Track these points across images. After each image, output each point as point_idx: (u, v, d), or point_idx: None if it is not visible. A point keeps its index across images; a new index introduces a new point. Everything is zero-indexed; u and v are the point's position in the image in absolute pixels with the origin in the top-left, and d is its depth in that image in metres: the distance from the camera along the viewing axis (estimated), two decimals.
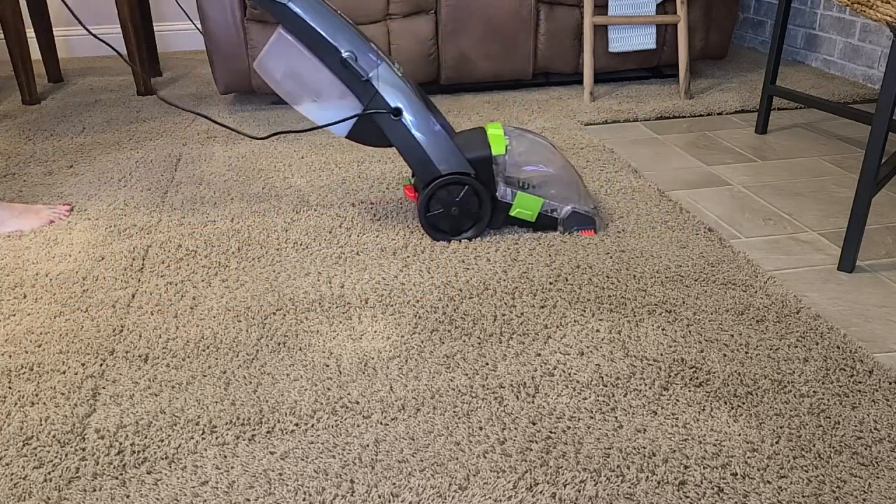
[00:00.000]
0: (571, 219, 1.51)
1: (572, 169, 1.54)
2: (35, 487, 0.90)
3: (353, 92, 1.45)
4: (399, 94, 1.45)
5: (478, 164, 1.47)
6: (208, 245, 1.51)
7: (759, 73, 2.75)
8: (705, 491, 0.87)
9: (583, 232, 1.52)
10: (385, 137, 1.48)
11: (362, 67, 1.42)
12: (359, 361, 1.12)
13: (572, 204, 1.51)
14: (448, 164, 1.47)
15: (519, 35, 2.47)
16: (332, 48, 1.42)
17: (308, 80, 1.45)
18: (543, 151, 1.53)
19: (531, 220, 1.52)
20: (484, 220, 1.50)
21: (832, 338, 1.15)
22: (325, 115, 1.48)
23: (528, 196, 1.49)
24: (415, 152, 1.47)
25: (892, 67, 1.27)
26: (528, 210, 1.50)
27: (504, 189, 1.49)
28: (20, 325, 1.24)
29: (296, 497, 0.88)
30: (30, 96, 2.56)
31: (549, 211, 1.51)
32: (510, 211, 1.50)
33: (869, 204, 1.34)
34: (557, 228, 1.53)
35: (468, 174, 1.47)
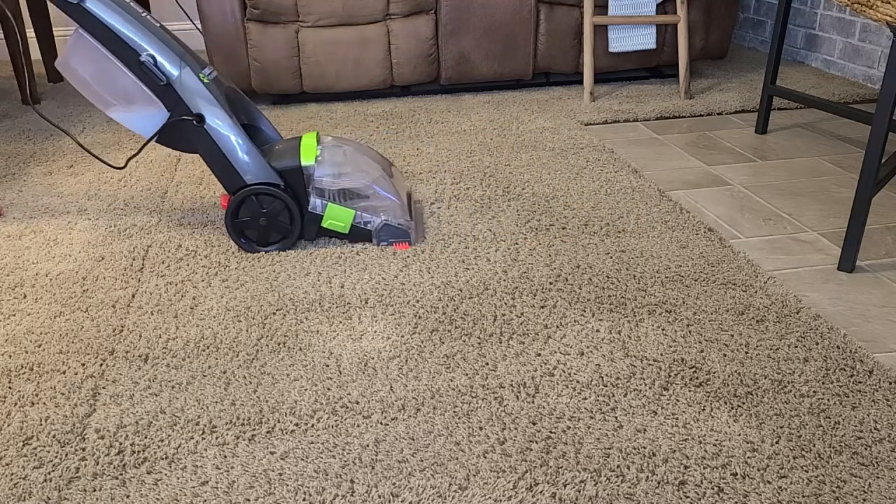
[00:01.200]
0: (384, 231, 1.48)
1: (389, 181, 1.50)
2: (35, 487, 0.90)
3: (156, 96, 1.42)
4: (202, 101, 1.42)
5: (287, 175, 1.44)
6: (208, 245, 1.51)
7: (759, 73, 2.75)
8: (705, 491, 0.87)
9: (396, 245, 1.48)
10: (190, 143, 1.46)
11: (162, 72, 1.39)
12: (359, 361, 1.12)
13: (385, 216, 1.48)
14: (254, 174, 1.43)
15: (519, 35, 2.48)
16: (131, 51, 1.38)
17: (110, 82, 1.41)
18: (359, 162, 1.49)
19: (344, 233, 1.49)
20: (294, 232, 1.47)
21: (832, 338, 1.15)
22: (126, 117, 1.44)
23: (340, 208, 1.46)
24: (219, 161, 1.43)
25: (892, 67, 1.27)
26: (340, 222, 1.47)
27: (315, 200, 1.46)
28: (20, 325, 1.24)
29: (296, 497, 0.88)
30: (30, 96, 2.56)
31: (363, 223, 1.48)
32: (322, 222, 1.47)
33: (869, 204, 1.34)
34: (371, 240, 1.50)
35: (276, 185, 1.43)
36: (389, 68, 2.45)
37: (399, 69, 2.45)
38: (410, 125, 2.25)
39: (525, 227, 1.55)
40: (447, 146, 2.06)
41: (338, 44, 2.37)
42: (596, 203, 1.66)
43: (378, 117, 2.34)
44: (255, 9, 2.29)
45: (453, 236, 1.52)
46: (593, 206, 1.65)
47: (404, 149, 2.04)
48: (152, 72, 1.38)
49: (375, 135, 2.17)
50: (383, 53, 2.42)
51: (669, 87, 2.58)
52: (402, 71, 2.46)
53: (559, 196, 1.70)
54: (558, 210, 1.63)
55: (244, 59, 2.36)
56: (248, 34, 2.34)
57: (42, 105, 2.57)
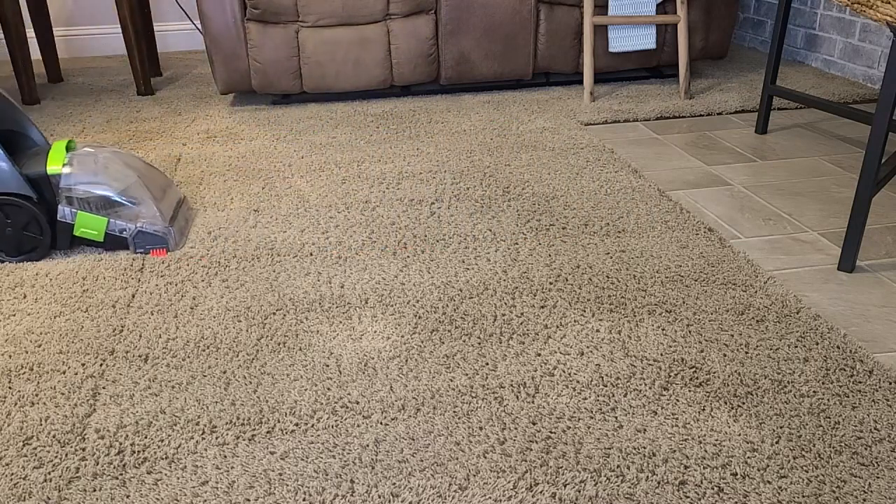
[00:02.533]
0: (140, 238, 1.47)
1: (143, 188, 1.49)
2: (35, 487, 0.90)
3: None
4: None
5: (35, 183, 1.42)
6: (208, 245, 1.51)
7: (759, 73, 2.75)
8: (705, 491, 0.87)
9: (153, 252, 1.47)
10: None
11: None
12: (359, 361, 1.12)
13: (140, 222, 1.46)
14: (4, 184, 1.40)
15: (519, 35, 2.47)
16: None
17: None
18: (109, 171, 1.47)
19: (99, 240, 1.47)
20: (45, 242, 1.45)
21: (832, 338, 1.15)
22: None
23: (91, 216, 1.44)
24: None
25: (892, 67, 1.27)
26: (92, 230, 1.45)
27: (63, 209, 1.43)
28: (20, 325, 1.24)
29: (296, 497, 0.88)
30: (30, 96, 2.56)
31: (118, 231, 1.46)
32: (74, 231, 1.45)
33: (869, 204, 1.34)
34: (128, 248, 1.49)
35: (23, 195, 1.40)
36: (389, 68, 2.45)
37: (399, 69, 2.45)
38: (410, 125, 2.25)
39: (525, 227, 1.55)
40: (447, 146, 2.06)
41: (338, 44, 2.37)
42: (596, 203, 1.66)
43: (378, 117, 2.34)
44: (255, 9, 2.29)
45: (453, 236, 1.52)
46: (593, 206, 1.65)
47: (404, 149, 2.04)
48: None
49: (375, 135, 2.17)
50: (383, 53, 2.42)
51: (669, 87, 2.58)
52: (402, 71, 2.46)
53: (559, 196, 1.70)
54: (558, 210, 1.63)
55: (244, 59, 2.36)
56: (248, 34, 2.34)
57: (42, 105, 2.57)
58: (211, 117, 2.39)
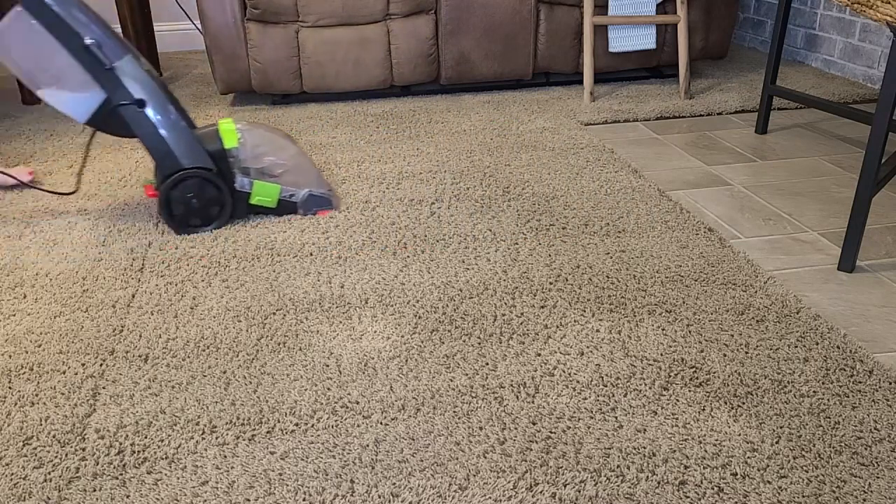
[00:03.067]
0: (309, 201, 1.61)
1: (304, 157, 1.63)
2: (35, 487, 0.90)
3: (96, 80, 1.47)
4: (143, 87, 1.50)
5: (215, 158, 1.54)
6: (208, 245, 1.51)
7: (759, 73, 2.75)
8: (705, 491, 0.87)
9: (319, 212, 1.62)
10: (127, 127, 1.51)
11: (106, 56, 1.45)
12: (359, 361, 1.12)
13: (308, 188, 1.61)
14: (190, 158, 1.52)
15: (519, 35, 2.48)
16: (75, 33, 1.44)
17: (46, 62, 1.45)
18: (275, 142, 1.60)
19: (272, 207, 1.60)
20: (226, 211, 1.56)
21: (832, 338, 1.15)
22: (60, 99, 1.48)
23: (266, 184, 1.57)
24: (158, 144, 1.51)
25: (892, 67, 1.27)
26: (267, 197, 1.58)
27: (242, 179, 1.56)
28: (20, 325, 1.24)
29: (296, 497, 0.88)
30: (30, 96, 2.56)
31: (288, 196, 1.60)
32: (250, 199, 1.58)
33: (869, 204, 1.34)
34: (297, 211, 1.62)
35: (209, 168, 1.52)
36: (389, 68, 2.45)
37: (399, 69, 2.45)
38: (410, 125, 2.25)
39: (525, 227, 1.55)
40: (447, 146, 2.06)
41: (338, 44, 2.37)
42: (596, 203, 1.66)
43: (378, 117, 2.34)
44: (255, 9, 2.29)
45: (453, 236, 1.52)
46: (593, 206, 1.65)
47: (404, 149, 2.04)
48: (97, 56, 1.44)
49: (375, 135, 2.17)
50: (383, 53, 2.42)
51: (669, 87, 2.58)
52: (402, 71, 2.46)
53: (559, 196, 1.70)
54: (558, 210, 1.63)
55: (244, 59, 2.36)
56: (248, 34, 2.34)
57: (42, 105, 2.57)
58: (211, 117, 2.39)
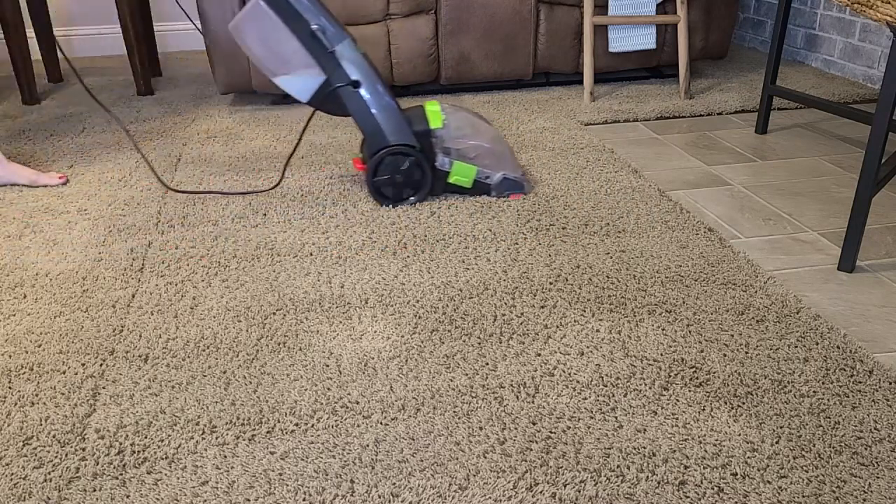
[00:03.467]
0: (503, 184, 1.67)
1: (502, 141, 1.70)
2: (35, 487, 0.90)
3: (317, 62, 1.59)
4: (358, 69, 1.61)
5: (419, 137, 1.63)
6: (208, 245, 1.51)
7: (759, 73, 2.75)
8: (705, 491, 0.87)
9: (511, 196, 1.68)
10: (342, 107, 1.63)
11: (329, 40, 1.57)
12: (359, 361, 1.12)
13: (503, 171, 1.67)
14: (397, 135, 1.62)
15: (519, 35, 2.47)
16: (304, 20, 1.56)
17: (278, 47, 1.58)
18: (476, 126, 1.68)
19: (467, 187, 1.67)
20: (426, 187, 1.66)
21: (832, 338, 1.15)
22: (287, 81, 1.62)
23: (464, 165, 1.64)
24: (369, 122, 1.62)
25: (892, 67, 1.27)
26: (464, 177, 1.66)
27: (442, 159, 1.64)
28: (20, 325, 1.24)
29: (296, 497, 0.88)
30: (30, 96, 2.56)
31: (483, 178, 1.67)
32: (448, 178, 1.66)
33: (869, 204, 1.34)
34: (490, 193, 1.69)
35: (414, 146, 1.62)
36: (389, 68, 2.45)
37: (399, 69, 2.45)
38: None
39: (525, 227, 1.55)
40: None
41: None
42: (596, 203, 1.66)
43: None
44: None
45: (453, 236, 1.52)
46: (593, 206, 1.65)
47: None
48: (321, 40, 1.57)
49: None
50: (383, 53, 2.42)
51: (669, 87, 2.58)
52: (402, 71, 2.46)
53: (559, 196, 1.70)
54: (558, 210, 1.63)
55: (244, 59, 2.36)
56: None
57: (42, 105, 2.57)
58: (211, 117, 2.39)
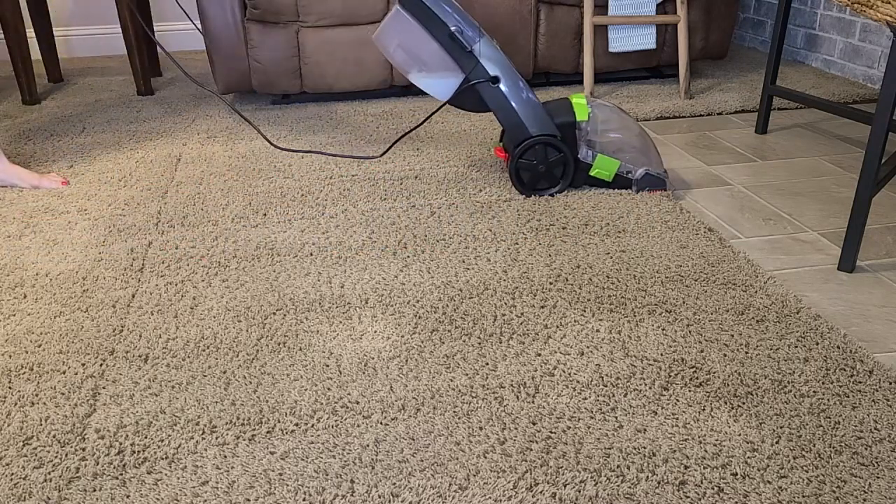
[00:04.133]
0: (644, 180, 1.69)
1: (647, 137, 1.71)
2: (35, 487, 0.90)
3: (456, 62, 1.66)
4: (497, 65, 1.66)
5: (563, 129, 1.66)
6: (208, 245, 1.51)
7: (759, 73, 2.75)
8: (705, 491, 0.87)
9: (653, 192, 1.69)
10: (481, 102, 1.69)
11: (467, 40, 1.63)
12: (359, 361, 1.12)
13: (646, 167, 1.68)
14: (538, 127, 1.66)
15: (519, 35, 2.47)
16: (442, 23, 1.63)
17: (418, 51, 1.66)
18: (621, 121, 1.70)
19: (608, 180, 1.70)
20: (567, 178, 1.69)
21: (832, 338, 1.15)
22: (427, 82, 1.69)
23: (607, 158, 1.67)
24: (510, 115, 1.67)
25: (892, 67, 1.27)
26: (606, 171, 1.68)
27: (586, 151, 1.67)
28: (20, 325, 1.24)
29: (296, 497, 0.88)
30: (30, 96, 2.56)
31: (625, 172, 1.69)
32: (590, 171, 1.69)
33: (869, 204, 1.34)
34: (632, 188, 1.70)
35: (556, 136, 1.65)
36: (389, 68, 2.45)
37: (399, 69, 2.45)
38: (410, 125, 2.25)
39: (525, 227, 1.55)
40: (447, 146, 2.06)
41: (338, 44, 2.37)
42: (596, 203, 1.66)
43: (378, 117, 2.34)
44: (255, 9, 2.29)
45: (453, 236, 1.52)
46: (593, 206, 1.65)
47: (404, 149, 2.04)
48: (460, 40, 1.62)
49: (375, 134, 2.17)
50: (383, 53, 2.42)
51: (669, 87, 2.58)
52: None
53: (559, 196, 1.70)
54: (558, 210, 1.63)
55: (244, 59, 2.36)
56: (248, 34, 2.34)
57: (42, 105, 2.57)
58: (211, 117, 2.39)
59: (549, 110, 1.68)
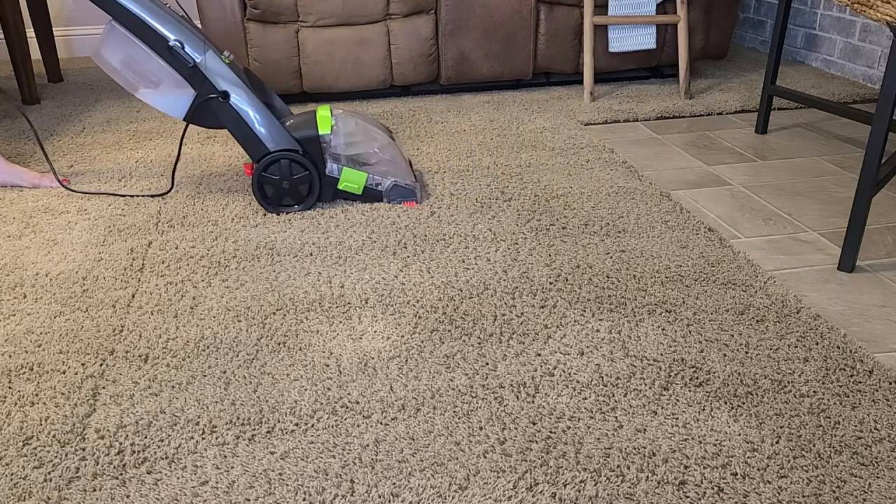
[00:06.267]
0: (394, 191, 1.66)
1: (395, 148, 1.67)
2: (35, 487, 0.90)
3: (184, 78, 1.57)
4: (225, 80, 1.58)
5: (306, 143, 1.61)
6: (208, 245, 1.51)
7: (759, 73, 2.75)
8: (705, 491, 0.87)
9: (405, 203, 1.66)
10: (217, 119, 1.61)
11: (189, 55, 1.54)
12: (359, 361, 1.12)
13: (394, 178, 1.65)
14: (276, 142, 1.60)
15: (519, 35, 2.47)
16: (160, 37, 1.54)
17: (141, 68, 1.56)
18: (367, 132, 1.66)
19: (358, 193, 1.66)
20: (314, 194, 1.64)
21: (832, 338, 1.15)
22: (162, 101, 1.60)
23: (354, 171, 1.63)
24: (244, 131, 1.60)
25: (892, 67, 1.27)
26: (354, 184, 1.64)
27: (332, 165, 1.63)
28: (20, 325, 1.24)
29: (296, 497, 0.88)
30: (30, 96, 2.56)
31: (374, 185, 1.65)
32: (338, 185, 1.65)
33: (869, 204, 1.34)
34: (382, 200, 1.67)
35: (296, 151, 1.59)
36: (389, 68, 2.45)
37: (399, 69, 2.45)
38: (410, 125, 2.25)
39: (525, 227, 1.55)
40: (447, 146, 2.06)
41: (338, 44, 2.37)
42: (596, 203, 1.66)
43: (378, 117, 2.34)
44: (255, 9, 2.29)
45: (453, 236, 1.52)
46: (593, 206, 1.65)
47: (404, 149, 2.04)
48: (181, 55, 1.54)
49: None
50: (383, 53, 2.42)
51: (669, 87, 2.58)
52: (402, 71, 2.46)
53: (559, 196, 1.70)
54: (558, 210, 1.63)
55: (244, 59, 2.36)
56: (248, 34, 2.34)
57: (42, 105, 2.57)
58: None
59: (292, 124, 1.62)
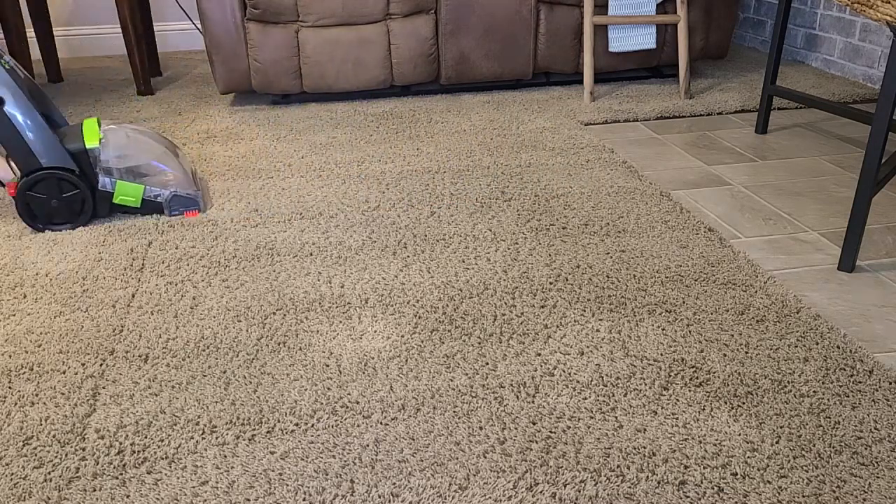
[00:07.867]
0: (174, 201, 1.62)
1: (173, 157, 1.65)
2: (35, 487, 0.90)
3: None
4: (4, 85, 1.50)
5: (75, 157, 1.55)
6: (208, 245, 1.51)
7: (759, 73, 2.75)
8: (705, 491, 0.87)
9: (187, 214, 1.63)
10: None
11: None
12: (359, 361, 1.12)
13: (174, 188, 1.62)
14: (49, 157, 1.53)
15: (519, 35, 2.47)
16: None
17: None
18: (140, 143, 1.62)
19: (137, 206, 1.62)
20: (87, 212, 1.58)
21: (832, 338, 1.15)
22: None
23: (128, 184, 1.58)
24: (15, 143, 1.51)
25: (892, 67, 1.27)
26: (130, 196, 1.60)
27: (104, 179, 1.57)
28: (20, 325, 1.24)
29: (296, 497, 0.88)
30: None
31: (153, 196, 1.61)
32: (113, 199, 1.59)
33: (869, 204, 1.34)
34: (164, 212, 1.63)
35: (69, 169, 1.54)
36: (389, 68, 2.45)
37: (399, 69, 2.45)
38: (410, 125, 2.25)
39: (525, 227, 1.55)
40: (447, 146, 2.06)
41: (338, 44, 2.37)
42: (596, 203, 1.66)
43: (378, 117, 2.34)
44: (255, 9, 2.29)
45: (453, 236, 1.52)
46: (593, 206, 1.65)
47: (404, 149, 2.04)
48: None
49: (375, 134, 2.17)
50: (383, 53, 2.42)
51: (669, 87, 2.58)
52: (402, 71, 2.46)
53: (559, 196, 1.70)
54: (558, 210, 1.63)
55: (244, 59, 2.36)
56: (248, 34, 2.34)
57: None
58: (211, 117, 2.39)
59: (65, 138, 1.56)
